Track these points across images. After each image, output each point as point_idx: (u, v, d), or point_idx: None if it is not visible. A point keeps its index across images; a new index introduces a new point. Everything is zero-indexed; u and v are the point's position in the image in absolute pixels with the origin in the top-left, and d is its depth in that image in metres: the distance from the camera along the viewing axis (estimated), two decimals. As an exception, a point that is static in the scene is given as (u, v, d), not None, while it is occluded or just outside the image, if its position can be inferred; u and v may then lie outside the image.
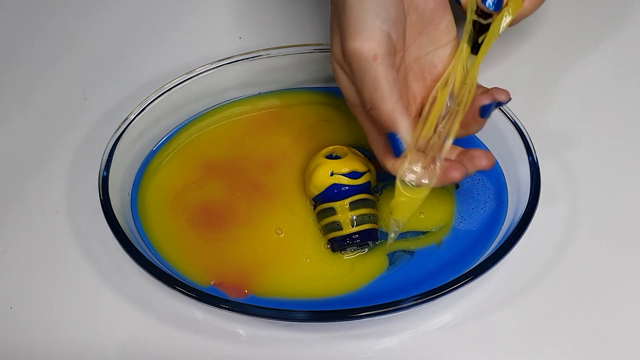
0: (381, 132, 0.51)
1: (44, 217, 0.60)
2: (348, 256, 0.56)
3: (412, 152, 0.50)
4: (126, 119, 0.59)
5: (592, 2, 0.75)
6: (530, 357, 0.53)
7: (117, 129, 0.59)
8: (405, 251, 0.56)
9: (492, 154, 0.51)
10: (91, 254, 0.58)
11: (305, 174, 0.58)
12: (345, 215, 0.55)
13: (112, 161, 0.57)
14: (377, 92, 0.48)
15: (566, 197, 0.60)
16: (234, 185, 0.60)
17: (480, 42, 0.52)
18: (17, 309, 0.56)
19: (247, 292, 0.54)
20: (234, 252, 0.56)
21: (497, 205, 0.58)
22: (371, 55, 0.47)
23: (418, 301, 0.50)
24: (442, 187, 0.59)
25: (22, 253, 0.59)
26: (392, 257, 0.56)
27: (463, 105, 0.51)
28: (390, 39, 0.48)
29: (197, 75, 0.62)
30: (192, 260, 0.56)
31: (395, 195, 0.51)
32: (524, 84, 0.68)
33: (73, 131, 0.65)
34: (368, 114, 0.50)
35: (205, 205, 0.59)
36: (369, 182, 0.57)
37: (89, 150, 0.64)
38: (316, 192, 0.56)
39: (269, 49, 0.63)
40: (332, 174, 0.56)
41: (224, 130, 0.63)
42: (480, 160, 0.50)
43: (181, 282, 0.52)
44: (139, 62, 0.71)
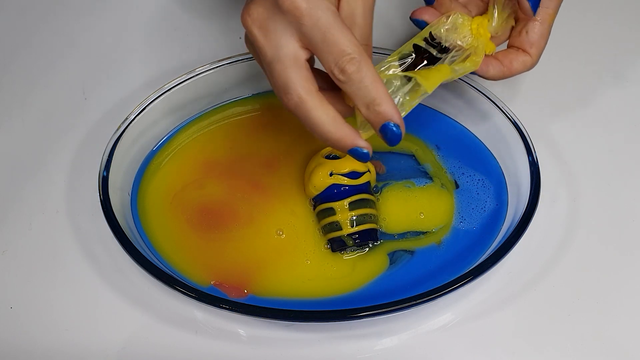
0: None
1: (44, 217, 0.60)
2: (348, 256, 0.56)
3: None
4: (126, 119, 0.59)
5: (592, 2, 0.75)
6: (530, 357, 0.53)
7: (117, 129, 0.59)
8: (405, 251, 0.56)
9: None
10: (91, 254, 0.58)
11: (305, 174, 0.58)
12: (345, 215, 0.55)
13: (112, 161, 0.57)
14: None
15: (566, 197, 0.60)
16: (234, 185, 0.60)
17: (418, 68, 0.51)
18: (17, 309, 0.56)
19: (247, 292, 0.54)
20: (234, 252, 0.56)
21: (497, 205, 0.58)
22: None
23: (418, 301, 0.50)
24: (442, 187, 0.59)
25: (22, 253, 0.59)
26: (393, 256, 0.56)
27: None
28: None
29: (197, 75, 0.62)
30: (192, 260, 0.56)
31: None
32: (524, 84, 0.68)
33: (73, 131, 0.65)
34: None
35: (205, 205, 0.59)
36: (368, 182, 0.57)
37: (89, 150, 0.64)
38: (316, 192, 0.56)
39: (269, 49, 0.63)
40: (331, 174, 0.56)
41: (224, 130, 0.63)
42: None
43: (181, 282, 0.52)
44: (139, 62, 0.71)
